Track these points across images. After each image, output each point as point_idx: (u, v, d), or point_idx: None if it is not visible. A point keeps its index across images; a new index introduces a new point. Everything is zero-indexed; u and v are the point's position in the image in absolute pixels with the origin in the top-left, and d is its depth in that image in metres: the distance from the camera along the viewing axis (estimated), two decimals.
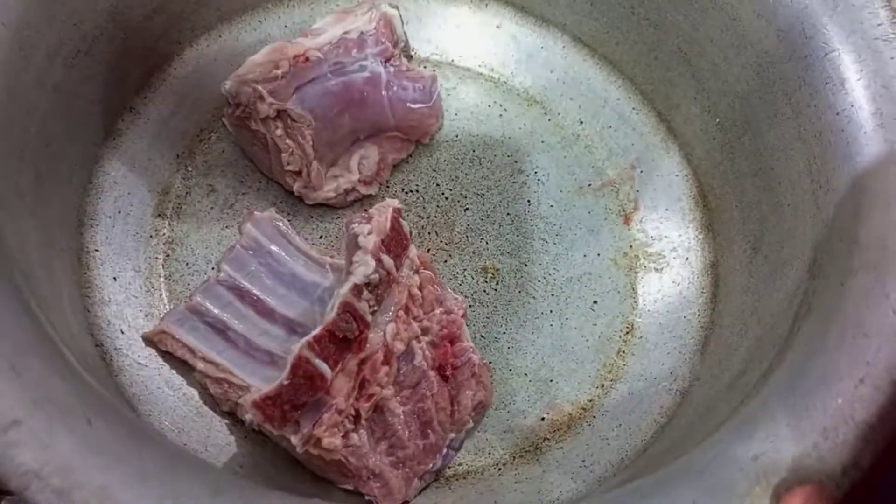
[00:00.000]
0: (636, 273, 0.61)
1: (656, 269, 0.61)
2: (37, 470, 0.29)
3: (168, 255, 0.57)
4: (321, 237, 0.60)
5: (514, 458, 0.53)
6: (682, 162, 0.64)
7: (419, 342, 0.50)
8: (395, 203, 0.50)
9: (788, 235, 0.50)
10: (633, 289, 0.60)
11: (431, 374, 0.50)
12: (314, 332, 0.43)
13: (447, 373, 0.51)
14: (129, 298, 0.53)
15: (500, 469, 0.53)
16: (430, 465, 0.50)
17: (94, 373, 0.44)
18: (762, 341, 0.47)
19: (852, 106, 0.46)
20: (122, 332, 0.51)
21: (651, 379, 0.56)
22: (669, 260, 0.61)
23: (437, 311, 0.51)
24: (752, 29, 0.53)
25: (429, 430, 0.49)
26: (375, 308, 0.47)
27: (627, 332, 0.58)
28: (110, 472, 0.29)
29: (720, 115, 0.59)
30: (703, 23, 0.57)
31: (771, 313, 0.48)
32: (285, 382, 0.42)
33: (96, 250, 0.53)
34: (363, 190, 0.60)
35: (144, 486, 0.29)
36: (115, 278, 0.53)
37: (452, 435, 0.51)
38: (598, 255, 0.62)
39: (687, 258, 0.61)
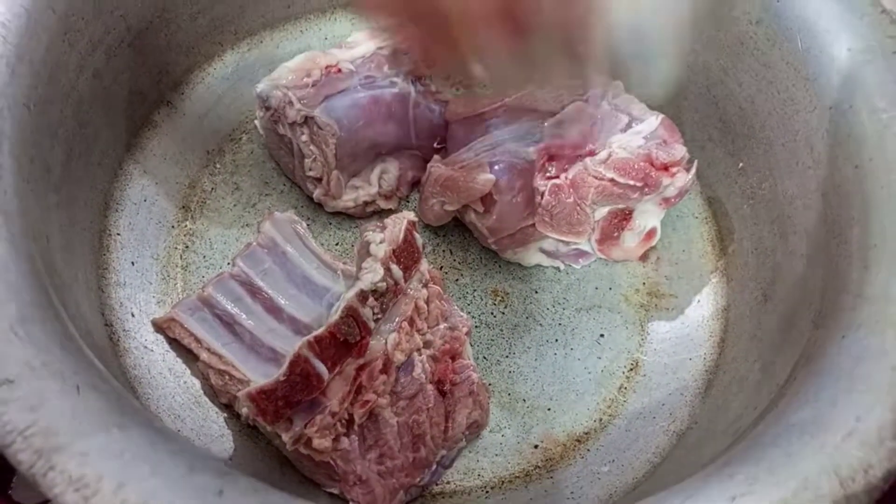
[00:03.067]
0: (646, 311, 0.60)
1: (667, 309, 0.61)
2: (21, 429, 0.30)
3: (187, 247, 0.58)
4: (337, 244, 0.61)
5: (502, 483, 0.53)
6: (703, 204, 0.64)
7: (420, 354, 0.50)
8: (411, 216, 0.51)
9: (800, 285, 0.50)
10: (642, 326, 0.60)
11: (429, 387, 0.50)
12: (315, 333, 0.44)
13: (445, 388, 0.51)
14: (144, 284, 0.55)
15: (487, 492, 0.52)
16: (418, 479, 0.50)
17: (100, 351, 0.45)
18: (760, 387, 0.46)
19: (871, 160, 0.45)
20: (133, 315, 0.52)
21: (650, 418, 0.55)
22: (681, 301, 0.61)
23: (442, 325, 0.52)
24: (781, 76, 0.53)
25: (420, 444, 0.49)
26: (380, 316, 0.48)
27: (631, 369, 0.58)
28: (92, 439, 0.30)
29: (743, 160, 0.59)
30: (733, 66, 0.57)
31: (773, 361, 0.47)
32: (282, 378, 0.43)
33: (118, 234, 0.55)
34: (382, 203, 0.62)
35: (124, 456, 0.30)
36: (133, 263, 0.55)
37: (443, 452, 0.51)
38: (610, 289, 0.61)
39: (699, 300, 0.60)
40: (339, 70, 0.58)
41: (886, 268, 0.41)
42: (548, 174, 0.58)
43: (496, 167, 0.57)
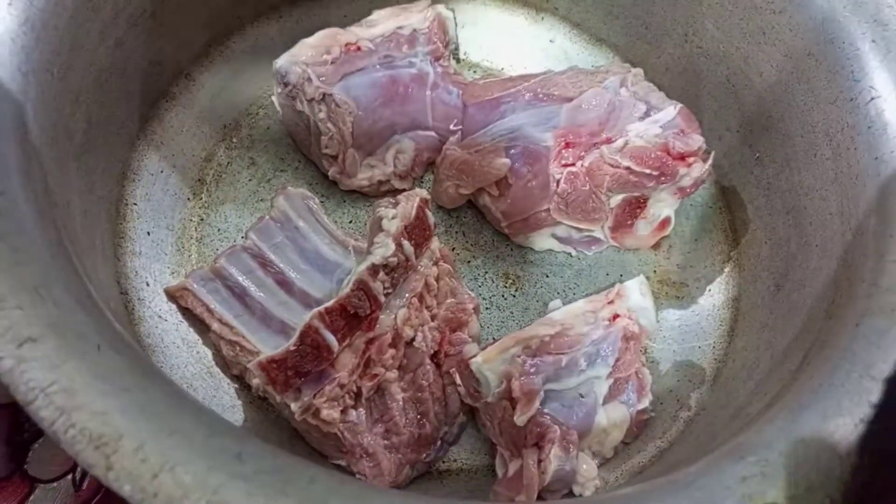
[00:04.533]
0: (657, 298, 0.60)
1: (678, 297, 0.61)
2: (44, 387, 0.30)
3: (202, 219, 0.59)
4: (351, 222, 0.61)
5: None
6: (717, 193, 0.64)
7: (424, 326, 0.50)
8: (424, 193, 0.51)
9: (813, 275, 0.50)
10: (655, 313, 0.60)
11: (428, 362, 0.50)
12: (326, 304, 0.44)
13: (440, 359, 0.51)
14: (160, 254, 0.55)
15: (493, 471, 0.53)
16: (424, 455, 0.50)
17: (115, 317, 0.46)
18: (770, 375, 0.46)
19: (892, 152, 0.45)
20: (148, 285, 0.53)
21: (657, 404, 0.55)
22: (692, 290, 0.61)
23: (449, 300, 0.52)
24: (802, 66, 0.53)
25: (425, 421, 0.50)
26: (390, 291, 0.48)
27: (643, 355, 0.58)
28: (113, 398, 0.31)
29: (760, 150, 0.58)
30: (754, 56, 0.57)
31: (784, 350, 0.47)
32: (292, 348, 0.43)
33: (135, 204, 0.55)
34: (397, 183, 0.62)
35: (143, 416, 0.30)
36: (148, 233, 0.55)
37: (446, 428, 0.51)
38: (622, 276, 0.62)
39: (710, 290, 0.61)
40: (359, 48, 0.57)
41: None
42: (564, 161, 0.58)
43: (512, 151, 0.57)
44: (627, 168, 0.56)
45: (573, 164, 0.58)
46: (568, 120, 0.58)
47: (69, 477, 0.51)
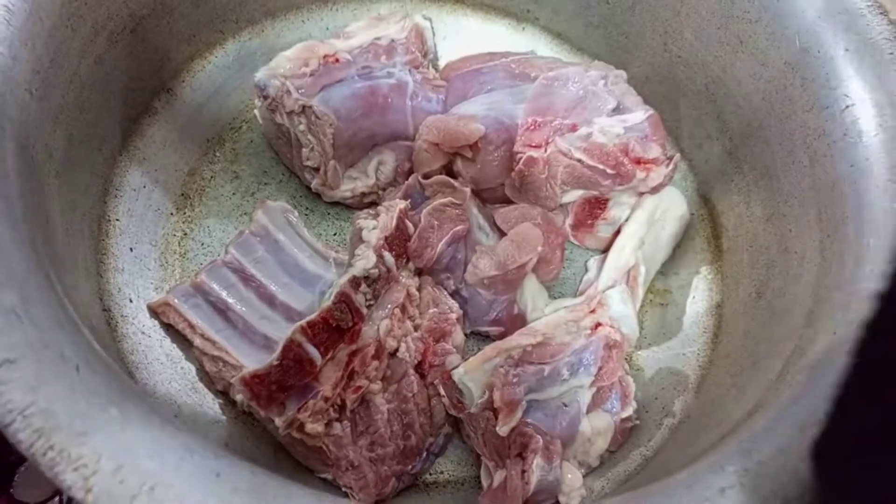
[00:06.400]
0: (642, 305, 0.61)
1: (662, 304, 0.61)
2: (22, 409, 0.30)
3: (185, 234, 0.59)
4: (335, 234, 0.61)
5: None
6: (699, 201, 0.64)
7: (407, 336, 0.51)
8: (404, 204, 0.51)
9: (793, 282, 0.50)
10: (636, 320, 0.60)
11: (412, 373, 0.50)
12: (308, 318, 0.44)
13: (425, 370, 0.52)
14: (143, 270, 0.55)
15: (479, 482, 0.53)
16: (409, 466, 0.50)
17: (98, 335, 0.46)
18: (752, 382, 0.47)
19: (867, 160, 0.46)
20: (131, 301, 0.53)
21: (642, 411, 0.56)
22: (676, 297, 0.61)
23: (432, 310, 0.52)
24: (779, 76, 0.54)
25: (410, 433, 0.50)
26: (372, 302, 0.48)
27: (626, 363, 0.58)
28: (91, 419, 0.31)
29: (741, 158, 0.59)
30: (731, 65, 0.58)
31: (765, 357, 0.48)
32: (275, 363, 0.43)
33: (117, 220, 0.55)
34: (379, 195, 0.62)
35: (122, 436, 0.31)
36: (131, 249, 0.55)
37: (431, 439, 0.51)
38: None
39: (693, 297, 0.61)
40: (337, 60, 0.58)
41: (880, 264, 0.41)
42: (528, 142, 0.58)
43: (485, 119, 0.58)
44: (579, 160, 0.57)
45: (538, 147, 0.58)
46: (539, 93, 0.59)
47: (55, 500, 0.51)
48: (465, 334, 0.55)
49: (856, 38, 0.49)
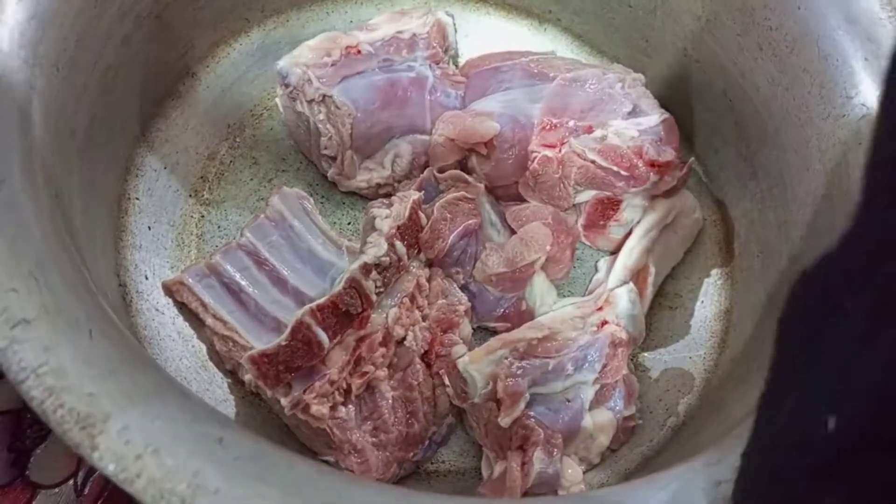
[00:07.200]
0: (651, 308, 0.61)
1: (671, 308, 0.62)
2: (35, 367, 0.31)
3: (203, 216, 0.60)
4: (349, 223, 0.62)
5: None
6: (712, 206, 0.64)
7: (415, 326, 0.51)
8: (418, 195, 0.52)
9: None
10: (644, 321, 0.60)
11: (418, 362, 0.51)
12: (318, 301, 0.45)
13: (431, 359, 0.52)
14: (160, 249, 0.56)
15: (480, 473, 0.53)
16: (412, 454, 0.51)
17: (113, 307, 0.46)
18: (756, 385, 0.46)
19: None
20: (147, 278, 0.54)
21: (647, 413, 0.56)
22: (686, 300, 0.62)
23: (441, 301, 0.53)
24: (797, 83, 0.54)
25: (413, 420, 0.50)
26: (382, 290, 0.49)
27: (631, 362, 0.59)
28: (101, 382, 0.31)
29: (755, 164, 0.59)
30: (751, 71, 0.58)
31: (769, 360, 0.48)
32: (283, 343, 0.44)
33: (137, 199, 0.56)
34: (395, 187, 0.62)
35: (129, 400, 0.31)
36: (149, 227, 0.56)
37: (434, 428, 0.52)
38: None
39: (702, 301, 0.61)
40: (359, 51, 0.59)
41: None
42: (544, 141, 0.59)
43: (501, 118, 0.58)
44: (594, 162, 0.57)
45: (553, 147, 0.59)
46: (556, 93, 0.59)
47: (70, 482, 0.52)
48: (473, 328, 0.56)
49: (875, 47, 0.49)
